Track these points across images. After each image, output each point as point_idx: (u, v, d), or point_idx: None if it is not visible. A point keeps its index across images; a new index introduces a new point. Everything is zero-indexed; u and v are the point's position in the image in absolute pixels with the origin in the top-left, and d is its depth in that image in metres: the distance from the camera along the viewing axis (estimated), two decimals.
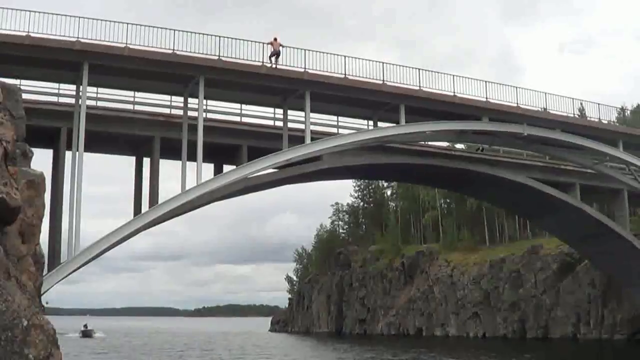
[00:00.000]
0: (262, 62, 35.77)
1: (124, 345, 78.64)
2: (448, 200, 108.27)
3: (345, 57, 38.38)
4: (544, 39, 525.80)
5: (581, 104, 51.41)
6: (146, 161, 37.24)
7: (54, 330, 5.91)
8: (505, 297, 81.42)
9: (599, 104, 49.71)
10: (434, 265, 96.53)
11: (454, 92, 41.46)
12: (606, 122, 50.52)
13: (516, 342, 72.37)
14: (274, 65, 36.35)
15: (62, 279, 30.33)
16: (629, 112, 74.54)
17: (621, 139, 49.15)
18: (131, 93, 37.04)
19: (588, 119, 50.63)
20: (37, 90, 34.73)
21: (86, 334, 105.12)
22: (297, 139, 37.53)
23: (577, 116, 49.87)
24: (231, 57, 34.96)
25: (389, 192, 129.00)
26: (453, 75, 42.21)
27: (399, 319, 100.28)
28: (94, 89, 35.42)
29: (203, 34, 34.78)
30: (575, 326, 72.63)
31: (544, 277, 76.92)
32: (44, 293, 20.23)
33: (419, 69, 40.81)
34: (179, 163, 34.74)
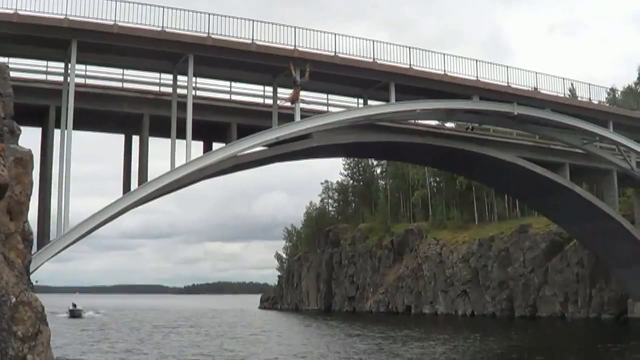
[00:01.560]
0: (252, 39, 35.63)
1: (128, 326, 78.45)
2: (437, 179, 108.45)
3: (335, 35, 38.37)
4: (534, 20, 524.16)
5: (572, 84, 51.50)
6: (135, 139, 37.18)
7: (42, 307, 5.91)
8: (493, 275, 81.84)
9: (589, 85, 49.88)
10: (423, 244, 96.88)
11: (445, 71, 41.47)
12: (596, 102, 50.65)
13: (504, 321, 72.82)
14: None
15: (52, 257, 30.34)
16: (619, 93, 74.62)
17: (612, 120, 49.34)
18: (120, 71, 36.94)
19: (578, 99, 50.74)
20: (25, 68, 34.54)
21: (74, 313, 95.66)
22: (286, 116, 37.50)
23: (567, 96, 49.99)
24: (221, 35, 34.84)
25: (378, 171, 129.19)
26: (444, 54, 42.28)
27: (388, 296, 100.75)
28: (83, 67, 35.24)
29: (192, 11, 34.64)
30: (563, 305, 73.09)
31: (532, 256, 77.28)
32: (33, 271, 20.22)
33: (410, 48, 40.81)
34: (168, 141, 34.69)
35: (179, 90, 35.95)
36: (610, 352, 38.70)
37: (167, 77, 37.20)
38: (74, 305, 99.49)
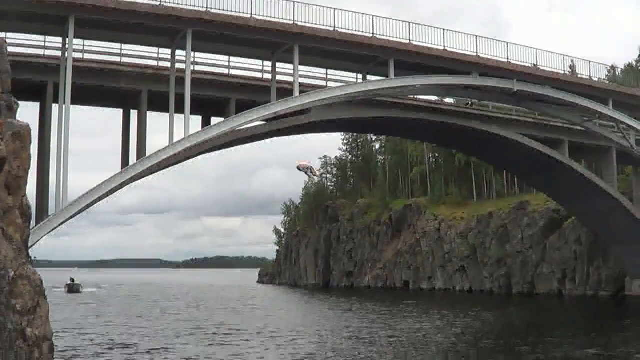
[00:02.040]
0: (251, 15, 35.46)
1: (126, 301, 78.53)
2: (436, 155, 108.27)
3: (334, 10, 38.16)
4: None
5: (572, 61, 51.32)
6: (134, 115, 37.07)
7: (41, 282, 5.95)
8: (492, 252, 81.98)
9: (589, 62, 49.79)
10: (421, 220, 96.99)
11: (444, 48, 41.33)
12: (597, 80, 50.54)
13: (502, 297, 73.05)
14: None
15: (50, 232, 30.37)
16: (619, 71, 74.32)
17: (612, 98, 49.21)
18: (118, 47, 36.76)
19: (578, 77, 50.61)
20: (23, 44, 34.40)
21: (72, 289, 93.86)
22: (285, 92, 37.43)
23: (567, 74, 49.85)
24: (219, 11, 34.66)
25: (377, 147, 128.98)
26: (443, 30, 42.12)
27: (386, 272, 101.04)
28: (81, 43, 35.09)
29: None
30: (560, 282, 73.29)
31: (530, 233, 77.38)
32: (32, 247, 20.28)
33: (409, 24, 40.66)
34: (166, 117, 34.59)
35: (177, 66, 35.78)
36: (608, 329, 38.85)
37: (166, 53, 37.03)
38: (72, 281, 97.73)
